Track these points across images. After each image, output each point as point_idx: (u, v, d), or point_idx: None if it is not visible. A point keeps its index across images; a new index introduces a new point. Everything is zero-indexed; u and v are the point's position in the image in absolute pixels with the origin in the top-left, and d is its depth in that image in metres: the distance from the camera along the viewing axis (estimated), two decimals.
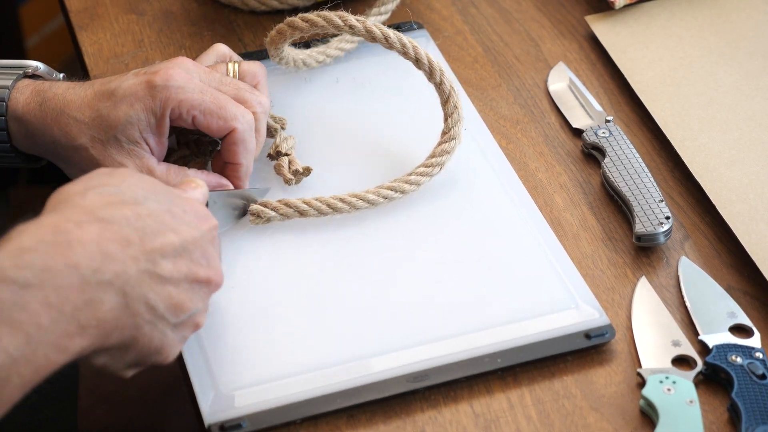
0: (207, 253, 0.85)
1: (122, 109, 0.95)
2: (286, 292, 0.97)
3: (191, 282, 0.84)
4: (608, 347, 0.94)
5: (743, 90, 1.12)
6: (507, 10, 1.23)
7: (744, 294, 0.97)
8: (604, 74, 1.16)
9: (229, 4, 1.21)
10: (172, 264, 0.82)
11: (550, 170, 1.07)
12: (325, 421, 0.90)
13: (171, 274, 0.82)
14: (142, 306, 0.80)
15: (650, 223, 1.00)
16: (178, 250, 0.83)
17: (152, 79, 0.96)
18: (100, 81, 0.98)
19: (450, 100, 1.03)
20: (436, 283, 0.97)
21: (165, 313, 0.82)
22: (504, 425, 0.89)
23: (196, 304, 0.84)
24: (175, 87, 0.95)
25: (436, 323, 0.94)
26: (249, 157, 0.99)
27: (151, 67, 0.98)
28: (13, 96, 0.98)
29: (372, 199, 1.00)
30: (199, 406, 0.89)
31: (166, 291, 0.82)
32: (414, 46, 1.03)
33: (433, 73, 1.03)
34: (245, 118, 0.98)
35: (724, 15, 1.19)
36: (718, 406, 0.90)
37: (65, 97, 0.97)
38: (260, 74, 1.03)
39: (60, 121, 0.97)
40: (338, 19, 1.02)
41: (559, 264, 0.98)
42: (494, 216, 1.02)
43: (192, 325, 0.86)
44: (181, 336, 0.85)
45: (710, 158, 1.06)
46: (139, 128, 0.95)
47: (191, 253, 0.84)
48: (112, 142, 0.96)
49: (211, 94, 0.97)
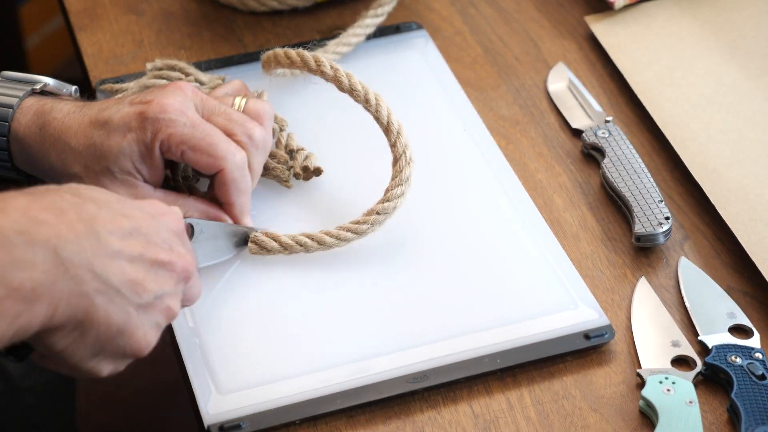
0: (168, 240, 0.83)
1: (115, 140, 0.94)
2: (286, 293, 0.97)
3: (151, 263, 0.81)
4: (608, 348, 0.94)
5: (743, 90, 1.12)
6: (506, 10, 1.23)
7: (743, 294, 0.97)
8: (604, 74, 1.16)
9: (229, 5, 1.21)
10: (120, 240, 0.80)
11: (550, 171, 1.07)
12: (325, 421, 0.90)
13: (120, 248, 0.80)
14: (87, 274, 0.78)
15: (650, 224, 1.00)
16: (129, 230, 0.81)
17: (145, 110, 0.94)
18: (98, 106, 0.96)
19: (398, 164, 1.00)
20: (436, 283, 0.97)
21: (121, 287, 0.79)
22: (503, 426, 0.89)
23: (160, 285, 0.82)
24: (165, 120, 0.93)
25: (436, 324, 0.94)
26: (242, 197, 0.96)
27: (147, 94, 0.96)
28: (16, 117, 0.96)
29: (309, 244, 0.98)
30: (199, 406, 0.89)
31: (116, 265, 0.79)
32: (377, 103, 1.01)
33: (389, 134, 1.01)
34: (236, 157, 0.95)
35: (724, 15, 1.19)
36: (717, 406, 0.90)
37: (63, 123, 0.95)
38: (265, 115, 1.00)
39: (57, 147, 0.95)
40: (312, 62, 1.02)
41: (559, 264, 0.98)
42: (494, 216, 1.02)
43: (163, 310, 0.83)
44: (151, 321, 0.82)
45: (710, 158, 1.06)
46: (132, 159, 0.94)
47: (147, 236, 0.82)
48: (105, 172, 0.94)
49: (203, 129, 0.95)
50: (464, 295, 0.96)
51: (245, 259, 0.99)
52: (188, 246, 0.87)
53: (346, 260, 0.99)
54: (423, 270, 0.98)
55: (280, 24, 1.20)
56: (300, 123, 1.09)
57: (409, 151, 1.00)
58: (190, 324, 0.94)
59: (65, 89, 1.01)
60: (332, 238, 0.97)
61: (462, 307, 0.95)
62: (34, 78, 1.00)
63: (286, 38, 1.19)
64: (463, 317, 0.95)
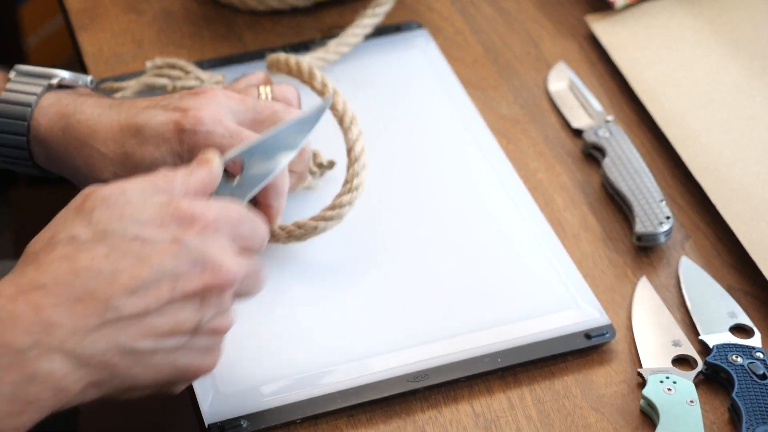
0: (199, 257, 0.78)
1: (148, 150, 0.90)
2: (286, 292, 0.97)
3: (183, 299, 0.77)
4: (608, 347, 0.94)
5: (744, 90, 1.11)
6: (507, 10, 1.23)
7: (744, 294, 0.97)
8: (604, 74, 1.16)
9: (229, 4, 1.21)
10: (144, 298, 0.76)
11: (550, 170, 1.07)
12: (325, 420, 0.89)
13: (147, 307, 0.76)
14: (116, 356, 0.75)
15: (650, 223, 1.00)
16: (151, 278, 0.76)
17: (181, 121, 0.90)
18: (127, 109, 0.93)
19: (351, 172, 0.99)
20: (437, 282, 0.97)
21: (155, 345, 0.77)
22: (504, 425, 0.89)
23: (199, 316, 0.78)
24: (203, 132, 0.90)
25: (437, 323, 0.94)
26: (280, 200, 0.93)
27: (182, 99, 0.92)
28: (35, 116, 0.93)
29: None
30: (199, 406, 0.89)
31: (146, 326, 0.76)
32: (350, 127, 1.00)
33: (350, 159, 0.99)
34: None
35: (724, 15, 1.19)
36: (718, 406, 0.90)
37: (89, 126, 0.92)
38: (294, 98, 0.99)
39: (83, 151, 0.92)
40: (306, 74, 1.02)
41: (560, 264, 0.98)
42: (494, 216, 1.02)
43: (211, 333, 0.80)
44: (202, 348, 0.80)
45: (711, 158, 1.06)
46: (165, 169, 0.89)
47: (172, 272, 0.77)
48: None
49: (240, 136, 0.91)
50: (465, 294, 0.96)
51: None
52: (229, 226, 0.80)
53: (347, 260, 0.98)
54: (424, 269, 0.98)
55: (280, 23, 1.20)
56: None
57: (362, 175, 0.98)
58: None
59: (81, 80, 0.98)
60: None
61: (462, 306, 0.95)
62: (50, 72, 0.96)
63: (287, 38, 1.19)
64: (463, 316, 0.95)
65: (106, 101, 0.95)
